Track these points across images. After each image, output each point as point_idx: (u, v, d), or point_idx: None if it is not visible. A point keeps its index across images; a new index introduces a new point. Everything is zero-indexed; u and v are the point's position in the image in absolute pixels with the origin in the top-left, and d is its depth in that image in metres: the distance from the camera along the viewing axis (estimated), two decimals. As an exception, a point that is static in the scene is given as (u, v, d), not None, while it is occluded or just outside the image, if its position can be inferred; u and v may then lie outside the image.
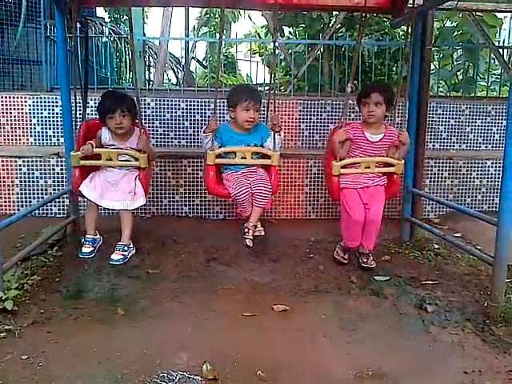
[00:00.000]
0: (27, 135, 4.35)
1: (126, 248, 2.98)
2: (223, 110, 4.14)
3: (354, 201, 2.88)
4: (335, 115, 4.47)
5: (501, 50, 5.43)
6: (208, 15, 13.79)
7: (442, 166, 4.20)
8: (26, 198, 3.91)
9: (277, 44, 3.13)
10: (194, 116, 4.37)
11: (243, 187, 3.06)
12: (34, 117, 4.32)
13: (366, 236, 2.88)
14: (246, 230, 3.19)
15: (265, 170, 3.23)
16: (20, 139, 4.35)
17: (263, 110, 3.39)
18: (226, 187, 3.13)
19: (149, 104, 4.33)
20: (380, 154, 2.97)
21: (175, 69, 9.14)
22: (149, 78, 8.50)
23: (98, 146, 3.04)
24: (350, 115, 4.45)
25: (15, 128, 4.33)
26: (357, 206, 2.85)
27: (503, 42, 5.47)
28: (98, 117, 3.08)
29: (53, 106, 4.32)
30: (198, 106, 4.36)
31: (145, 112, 4.28)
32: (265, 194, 3.10)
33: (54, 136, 4.35)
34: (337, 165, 2.89)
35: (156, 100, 4.35)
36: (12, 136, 4.33)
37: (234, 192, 3.06)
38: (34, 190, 3.91)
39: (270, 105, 3.18)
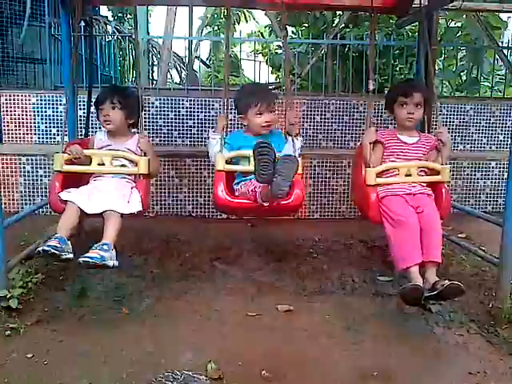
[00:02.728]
0: (31, 133, 4.35)
1: (106, 247, 2.17)
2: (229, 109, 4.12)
3: (401, 204, 2.38)
4: (339, 115, 4.47)
5: (505, 51, 5.42)
6: (213, 16, 13.78)
7: (446, 167, 4.19)
8: (29, 196, 3.91)
9: (281, 43, 3.08)
10: (198, 115, 4.37)
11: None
12: (38, 115, 4.33)
13: (427, 248, 2.26)
14: None
15: None
16: (24, 137, 4.35)
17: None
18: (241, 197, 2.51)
19: (153, 103, 4.33)
20: (419, 159, 2.56)
21: (179, 68, 9.15)
22: (152, 77, 8.50)
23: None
24: (354, 115, 4.45)
25: (19, 126, 4.33)
26: (406, 209, 2.36)
27: (508, 43, 5.45)
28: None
29: (57, 104, 4.32)
30: (201, 105, 4.36)
31: (149, 111, 4.28)
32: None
33: (58, 134, 4.35)
34: (371, 171, 2.42)
35: (160, 99, 4.36)
36: (16, 134, 4.34)
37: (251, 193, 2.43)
38: (37, 188, 3.91)
39: (284, 105, 2.77)
